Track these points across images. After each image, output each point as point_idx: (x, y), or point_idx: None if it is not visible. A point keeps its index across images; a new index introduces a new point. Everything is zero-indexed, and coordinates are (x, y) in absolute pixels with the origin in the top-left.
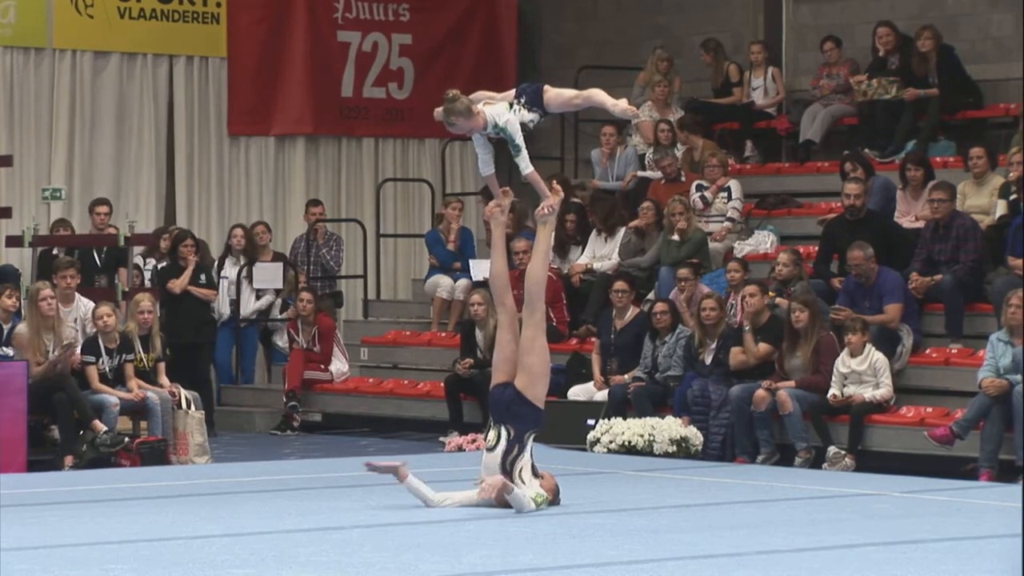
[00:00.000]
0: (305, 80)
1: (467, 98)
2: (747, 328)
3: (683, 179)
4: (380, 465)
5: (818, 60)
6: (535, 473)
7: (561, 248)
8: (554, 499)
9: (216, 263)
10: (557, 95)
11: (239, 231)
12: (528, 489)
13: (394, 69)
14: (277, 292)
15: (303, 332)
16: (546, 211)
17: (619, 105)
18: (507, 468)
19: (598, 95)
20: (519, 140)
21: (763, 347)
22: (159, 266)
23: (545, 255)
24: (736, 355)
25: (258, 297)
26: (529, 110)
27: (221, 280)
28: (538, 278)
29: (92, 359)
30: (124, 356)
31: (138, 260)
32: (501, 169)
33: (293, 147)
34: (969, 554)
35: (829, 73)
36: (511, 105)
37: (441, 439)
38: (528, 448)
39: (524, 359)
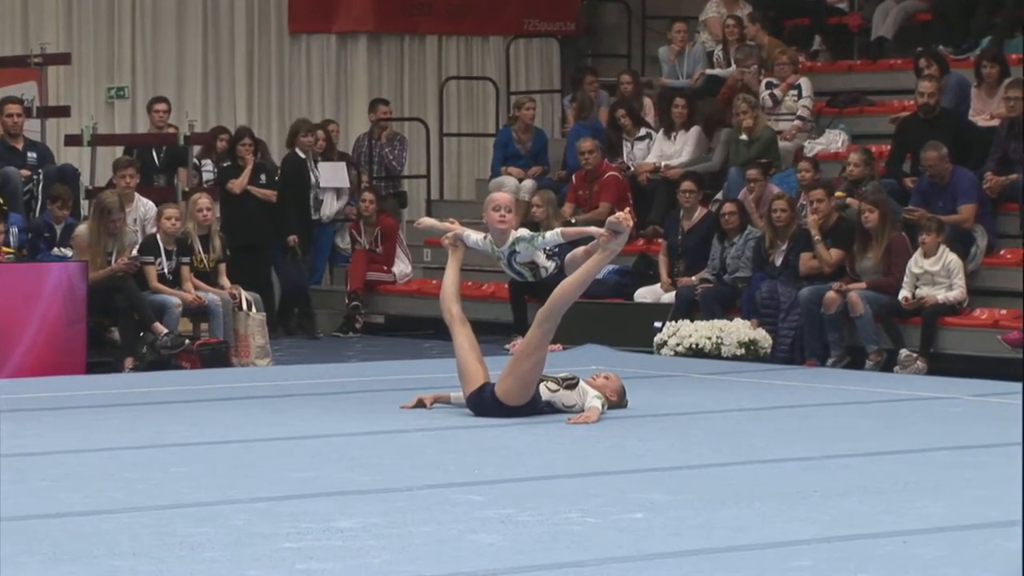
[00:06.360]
0: None
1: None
2: (817, 238)
3: None
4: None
5: None
6: (572, 383)
7: (612, 149)
8: (620, 401)
9: None
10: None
11: (320, 132)
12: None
13: None
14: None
15: (366, 233)
16: (622, 220)
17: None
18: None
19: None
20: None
21: (835, 253)
22: (223, 165)
23: (585, 280)
24: (806, 261)
25: (338, 198)
26: (549, 258)
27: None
28: (566, 296)
29: (151, 259)
30: (181, 259)
31: (195, 161)
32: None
33: (355, 45)
34: None
35: None
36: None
37: (505, 347)
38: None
39: (519, 365)
